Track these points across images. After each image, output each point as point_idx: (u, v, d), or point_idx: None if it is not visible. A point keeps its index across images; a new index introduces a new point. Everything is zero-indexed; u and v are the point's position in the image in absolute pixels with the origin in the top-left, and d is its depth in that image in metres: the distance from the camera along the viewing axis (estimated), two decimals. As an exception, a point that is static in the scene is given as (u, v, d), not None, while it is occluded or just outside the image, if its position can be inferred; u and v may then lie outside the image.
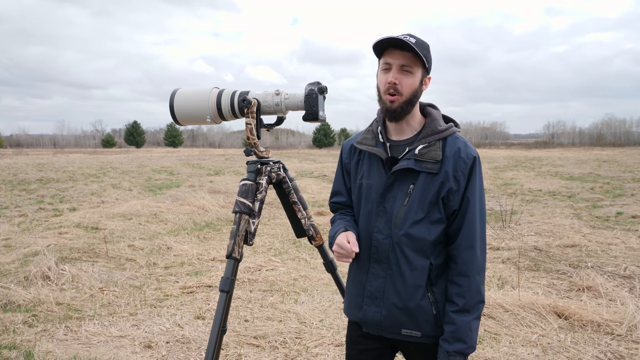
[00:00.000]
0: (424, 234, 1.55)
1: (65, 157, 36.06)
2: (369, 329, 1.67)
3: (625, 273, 5.01)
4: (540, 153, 45.48)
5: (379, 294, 1.61)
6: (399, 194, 1.57)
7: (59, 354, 3.29)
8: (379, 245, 1.60)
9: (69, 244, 6.48)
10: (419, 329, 1.59)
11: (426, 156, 1.54)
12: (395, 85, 1.52)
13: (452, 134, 1.59)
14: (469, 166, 1.53)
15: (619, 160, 27.75)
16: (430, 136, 1.57)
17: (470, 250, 1.54)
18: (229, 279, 1.96)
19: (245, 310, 4.09)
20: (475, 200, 1.55)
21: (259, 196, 2.07)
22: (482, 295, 1.56)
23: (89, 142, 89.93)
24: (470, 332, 1.53)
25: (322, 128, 68.14)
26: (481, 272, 1.56)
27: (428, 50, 1.55)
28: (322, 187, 13.73)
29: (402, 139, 1.63)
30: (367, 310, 1.64)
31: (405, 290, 1.57)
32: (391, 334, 1.63)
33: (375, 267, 1.62)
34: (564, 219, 8.02)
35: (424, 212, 1.54)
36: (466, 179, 1.54)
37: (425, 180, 1.54)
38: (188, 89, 2.19)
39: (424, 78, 1.58)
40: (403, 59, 1.51)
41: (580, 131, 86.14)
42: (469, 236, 1.54)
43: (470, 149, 1.56)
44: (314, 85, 2.02)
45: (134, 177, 17.38)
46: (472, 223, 1.54)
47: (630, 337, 3.50)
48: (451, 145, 1.56)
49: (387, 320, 1.60)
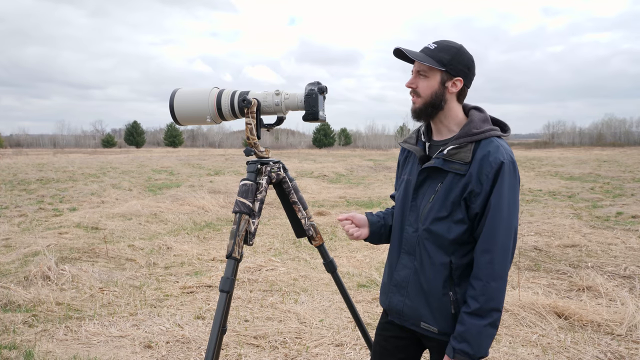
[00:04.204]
0: (444, 231, 1.59)
1: (65, 157, 36.06)
2: (393, 317, 1.77)
3: (625, 273, 5.01)
4: (540, 153, 45.49)
5: (404, 283, 1.70)
6: (429, 191, 1.65)
7: (59, 354, 3.29)
8: (408, 238, 1.70)
9: (69, 244, 6.49)
10: (437, 324, 1.63)
11: (455, 157, 1.57)
12: (413, 88, 1.66)
13: (487, 137, 1.58)
14: (494, 170, 1.52)
15: (619, 160, 27.75)
16: (463, 138, 1.59)
17: (486, 254, 1.53)
18: (229, 279, 1.95)
19: (245, 310, 4.09)
20: (502, 206, 1.52)
21: (259, 196, 2.06)
22: (498, 304, 1.53)
23: (89, 142, 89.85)
24: (480, 337, 1.52)
25: (322, 128, 68.13)
26: (498, 279, 1.52)
27: (451, 54, 1.60)
28: (322, 187, 13.73)
29: (442, 139, 1.69)
30: (392, 298, 1.74)
31: (427, 284, 1.63)
32: (411, 325, 1.70)
33: (404, 258, 1.71)
34: (564, 219, 8.02)
35: (447, 210, 1.58)
36: (491, 183, 1.52)
37: (453, 181, 1.58)
38: (188, 89, 2.19)
39: (446, 80, 1.61)
40: (418, 65, 1.65)
41: (580, 131, 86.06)
42: (488, 241, 1.53)
43: (501, 153, 1.53)
44: (314, 85, 2.02)
45: (134, 177, 17.39)
46: (494, 229, 1.53)
47: (630, 337, 3.51)
48: (483, 148, 1.56)
49: (409, 310, 1.68)
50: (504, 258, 1.54)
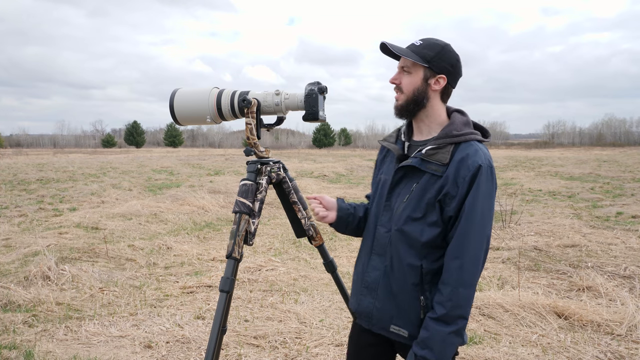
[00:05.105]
0: (417, 233, 1.55)
1: (65, 157, 36.06)
2: (361, 321, 1.72)
3: (625, 273, 5.01)
4: (540, 153, 45.47)
5: (375, 285, 1.66)
6: (404, 190, 1.62)
7: (59, 354, 3.29)
8: (380, 238, 1.66)
9: (69, 244, 6.48)
10: (407, 327, 1.59)
11: (433, 157, 1.55)
12: (396, 84, 1.65)
13: (467, 141, 1.57)
14: (471, 173, 1.50)
15: (619, 160, 27.74)
16: (442, 139, 1.58)
17: (456, 260, 1.49)
18: (229, 279, 1.95)
19: (245, 310, 4.09)
20: (476, 211, 1.49)
21: (259, 196, 2.06)
22: (465, 311, 1.49)
23: (89, 142, 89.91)
24: (444, 344, 1.48)
25: (322, 128, 68.14)
26: (467, 286, 1.49)
27: (435, 51, 1.59)
28: (322, 187, 13.73)
29: (422, 139, 1.67)
30: (362, 300, 1.70)
31: (397, 286, 1.60)
32: (380, 328, 1.65)
33: (375, 259, 1.67)
34: (564, 219, 8.02)
35: (422, 212, 1.55)
36: (467, 187, 1.50)
37: (429, 181, 1.55)
38: (188, 89, 2.19)
39: (429, 77, 1.60)
40: (402, 60, 1.64)
41: (580, 131, 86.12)
42: (459, 246, 1.50)
43: (479, 157, 1.52)
44: (314, 85, 2.02)
45: (134, 177, 17.38)
46: (466, 234, 1.49)
47: (630, 337, 3.51)
48: (462, 151, 1.54)
49: (379, 313, 1.64)
50: (475, 266, 1.50)
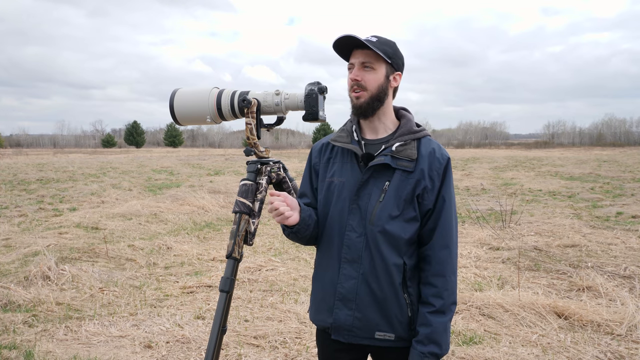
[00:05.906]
0: (399, 231, 1.54)
1: (65, 157, 36.08)
2: (338, 336, 1.59)
3: (625, 273, 5.01)
4: (540, 153, 45.48)
5: (352, 295, 1.56)
6: (374, 190, 1.56)
7: (59, 354, 3.29)
8: (351, 244, 1.57)
9: (69, 244, 6.49)
10: (393, 331, 1.55)
11: (402, 154, 1.56)
12: (359, 81, 1.57)
13: (425, 136, 1.63)
14: (443, 166, 1.57)
15: (619, 160, 27.75)
16: (406, 135, 1.60)
17: (446, 250, 1.55)
18: (229, 279, 1.95)
19: (245, 310, 4.09)
20: (451, 200, 1.58)
21: (259, 196, 2.06)
22: (455, 297, 1.57)
23: (89, 142, 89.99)
24: (445, 334, 1.52)
25: (322, 128, 68.01)
26: (455, 272, 1.58)
27: (392, 48, 1.59)
28: (322, 187, 13.71)
29: (377, 137, 1.65)
30: (338, 314, 1.58)
31: (380, 290, 1.54)
32: (363, 339, 1.57)
33: (346, 268, 1.57)
34: (564, 219, 8.02)
35: (399, 209, 1.55)
36: (441, 179, 1.56)
37: (401, 178, 1.55)
38: (188, 89, 2.19)
39: (390, 74, 1.60)
40: (363, 56, 1.56)
41: (580, 131, 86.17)
42: (445, 236, 1.55)
43: (443, 150, 1.61)
44: (314, 85, 2.02)
45: (134, 177, 17.39)
46: (448, 223, 1.56)
47: (630, 337, 3.51)
48: (426, 146, 1.59)
49: (361, 323, 1.56)
50: (457, 251, 1.61)
